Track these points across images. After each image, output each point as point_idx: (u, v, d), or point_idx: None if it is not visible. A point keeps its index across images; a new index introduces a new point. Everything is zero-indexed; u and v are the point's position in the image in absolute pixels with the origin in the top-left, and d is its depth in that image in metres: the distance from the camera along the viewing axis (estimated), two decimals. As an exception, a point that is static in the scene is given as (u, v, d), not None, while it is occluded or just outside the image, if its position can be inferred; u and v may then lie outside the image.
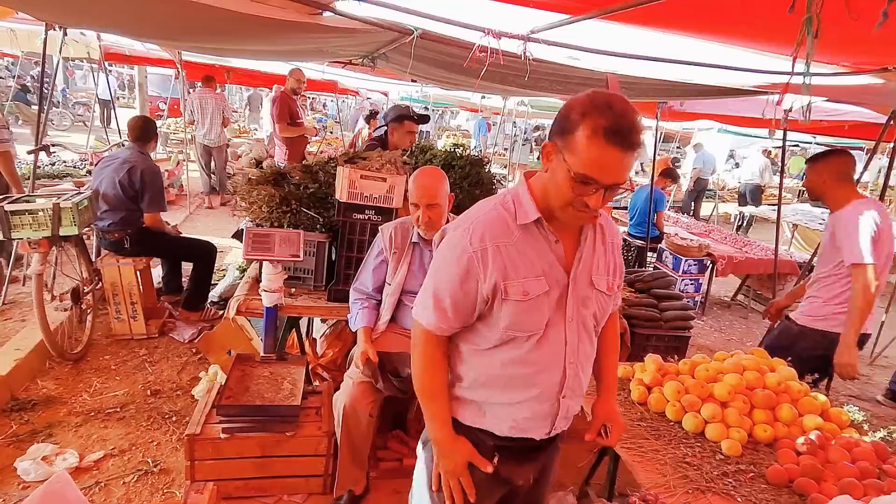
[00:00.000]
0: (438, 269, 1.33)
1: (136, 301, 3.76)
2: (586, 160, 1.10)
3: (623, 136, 1.08)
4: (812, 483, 1.74)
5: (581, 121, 1.09)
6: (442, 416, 1.37)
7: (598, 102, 1.09)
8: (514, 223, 1.26)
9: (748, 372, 2.24)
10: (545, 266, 1.28)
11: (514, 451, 1.41)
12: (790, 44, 1.68)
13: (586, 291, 1.34)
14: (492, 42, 2.14)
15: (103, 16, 2.89)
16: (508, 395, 1.35)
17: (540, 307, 1.28)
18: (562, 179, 1.16)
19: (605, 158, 1.09)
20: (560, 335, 1.32)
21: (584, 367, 1.40)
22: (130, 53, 7.52)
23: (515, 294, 1.25)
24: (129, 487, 2.45)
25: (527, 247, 1.27)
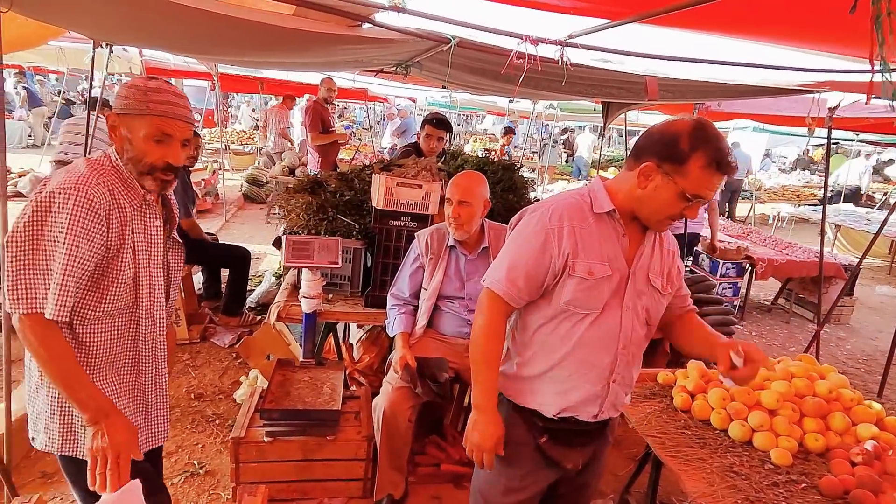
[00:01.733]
0: (516, 242, 1.44)
1: (179, 307, 3.88)
2: (700, 184, 1.29)
3: (727, 164, 1.29)
4: (869, 495, 1.68)
5: (693, 153, 1.27)
6: (490, 385, 1.46)
7: (706, 136, 1.28)
8: (589, 211, 1.41)
9: (797, 379, 2.17)
10: (611, 253, 1.40)
11: (562, 434, 1.49)
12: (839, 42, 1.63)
13: (643, 287, 1.45)
14: (529, 48, 2.14)
15: (152, 34, 3.01)
16: (561, 371, 1.45)
17: (601, 289, 1.39)
18: (670, 197, 1.32)
19: (713, 182, 1.30)
20: (616, 319, 1.42)
21: (635, 357, 1.50)
22: (170, 67, 7.79)
23: (581, 271, 1.38)
24: (177, 488, 2.53)
25: (598, 233, 1.40)
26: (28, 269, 1.25)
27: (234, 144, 12.67)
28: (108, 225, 1.31)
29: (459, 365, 2.48)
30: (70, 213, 1.25)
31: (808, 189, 11.41)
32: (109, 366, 1.42)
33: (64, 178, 1.29)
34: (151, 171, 1.37)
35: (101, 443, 1.26)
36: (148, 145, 1.34)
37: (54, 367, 1.27)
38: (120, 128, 1.36)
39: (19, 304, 1.25)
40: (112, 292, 1.37)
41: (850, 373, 4.50)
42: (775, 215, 10.59)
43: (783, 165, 17.33)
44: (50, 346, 1.26)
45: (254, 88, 9.98)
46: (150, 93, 1.32)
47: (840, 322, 5.85)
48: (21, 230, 1.25)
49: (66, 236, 1.24)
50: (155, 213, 1.46)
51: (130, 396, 1.48)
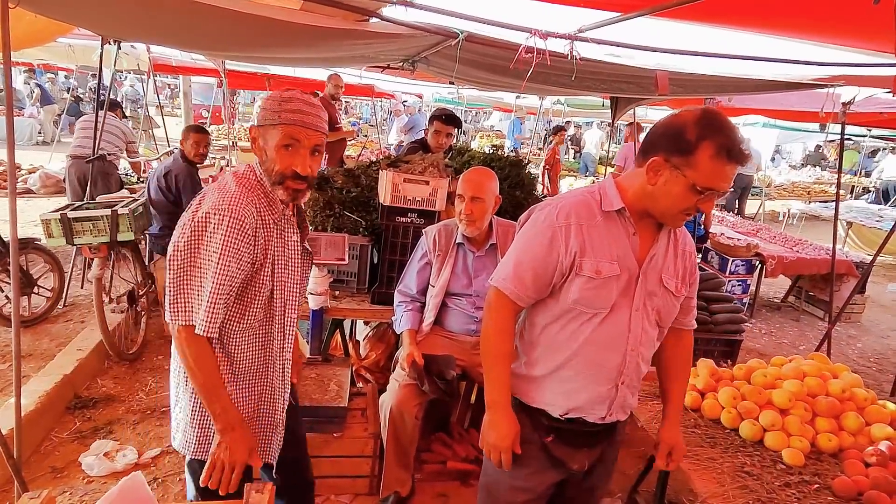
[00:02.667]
0: (524, 240, 1.42)
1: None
2: (711, 175, 1.23)
3: (739, 153, 1.23)
4: (884, 497, 1.66)
5: (701, 143, 1.22)
6: (503, 381, 1.44)
7: (713, 124, 1.22)
8: (598, 209, 1.37)
9: (809, 378, 2.15)
10: (620, 252, 1.37)
11: (569, 434, 1.47)
12: (855, 35, 1.60)
13: (654, 287, 1.41)
14: (538, 42, 2.11)
15: (159, 31, 3.01)
16: (568, 370, 1.42)
17: (609, 288, 1.36)
18: (681, 191, 1.27)
19: (725, 172, 1.24)
20: (624, 319, 1.39)
21: (644, 358, 1.46)
22: (177, 64, 7.81)
23: (589, 271, 1.35)
24: (185, 485, 2.53)
25: (607, 231, 1.37)
26: (185, 285, 1.36)
27: (242, 141, 12.70)
28: (255, 242, 1.40)
29: (466, 362, 2.47)
30: (224, 234, 1.33)
31: (819, 185, 11.28)
32: (247, 377, 1.51)
33: (217, 199, 1.37)
34: (282, 180, 1.42)
35: (223, 454, 1.40)
36: (279, 153, 1.39)
37: (199, 378, 1.38)
38: (258, 139, 1.43)
39: (178, 317, 1.36)
40: (254, 305, 1.46)
41: (862, 372, 4.44)
42: (785, 212, 10.48)
43: (793, 161, 17.14)
44: (199, 358, 1.37)
45: (261, 85, 9.98)
46: (283, 103, 1.38)
47: (851, 320, 5.78)
48: (182, 249, 1.35)
49: (219, 256, 1.33)
50: (292, 227, 1.53)
51: (261, 408, 1.55)
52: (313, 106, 1.41)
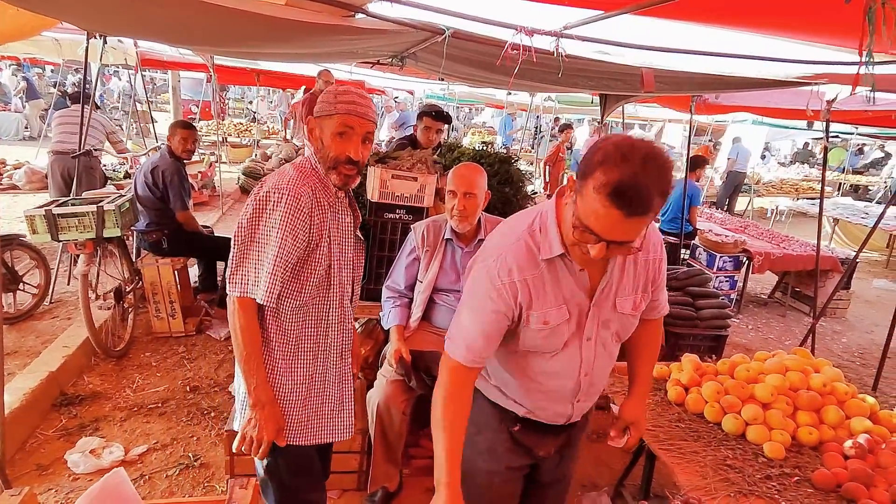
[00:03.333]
0: (469, 304, 1.34)
1: (175, 300, 3.87)
2: (590, 212, 1.08)
3: (627, 199, 1.02)
4: (861, 488, 1.68)
5: (596, 169, 1.06)
6: (452, 456, 1.29)
7: (619, 152, 1.04)
8: (538, 256, 1.28)
9: (791, 373, 2.17)
10: (567, 294, 1.31)
11: (534, 425, 1.50)
12: (838, 34, 1.62)
13: (608, 315, 1.37)
14: (524, 39, 2.12)
15: (144, 25, 2.97)
16: (528, 395, 1.45)
17: (559, 332, 1.33)
18: (570, 220, 1.16)
19: (607, 216, 1.06)
20: (576, 352, 1.38)
21: (600, 377, 1.47)
22: (165, 59, 7.73)
23: (536, 323, 1.31)
24: (172, 481, 2.53)
25: (551, 277, 1.30)
26: (245, 259, 1.46)
27: (232, 137, 12.62)
28: (311, 221, 1.49)
29: (454, 358, 2.47)
30: (283, 211, 1.44)
31: (807, 183, 11.39)
32: (302, 354, 1.59)
33: (277, 180, 1.49)
34: (336, 165, 1.52)
35: (251, 430, 1.50)
36: (334, 140, 1.50)
37: (242, 349, 1.46)
38: (315, 129, 1.54)
39: (235, 288, 1.46)
40: (310, 282, 1.54)
41: (846, 366, 4.51)
42: (773, 209, 10.59)
43: (782, 159, 17.31)
44: (247, 330, 1.46)
45: (251, 80, 9.92)
46: (338, 95, 1.50)
47: (836, 316, 5.86)
48: (245, 226, 1.46)
49: (277, 231, 1.43)
50: (346, 211, 1.63)
51: (312, 387, 1.62)
52: (365, 98, 1.53)
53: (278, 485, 1.65)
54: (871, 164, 14.84)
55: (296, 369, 1.57)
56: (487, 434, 1.53)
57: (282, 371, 1.56)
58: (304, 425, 1.61)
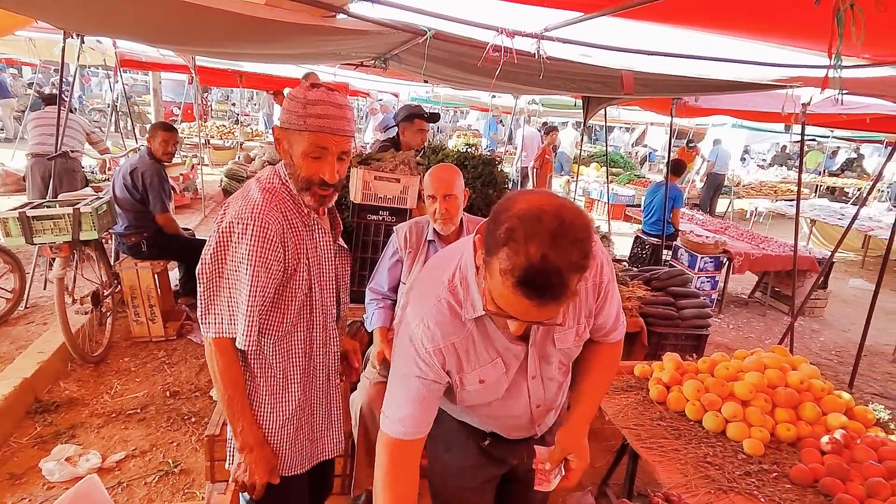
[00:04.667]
0: (396, 373, 1.25)
1: (155, 304, 3.81)
2: (499, 295, 0.97)
3: (537, 288, 0.91)
4: (838, 483, 1.71)
5: (501, 248, 0.93)
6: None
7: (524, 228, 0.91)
8: (463, 316, 1.17)
9: (769, 370, 2.21)
10: (500, 348, 1.23)
11: (504, 439, 1.47)
12: (810, 37, 1.65)
13: (549, 352, 1.29)
14: (505, 41, 2.13)
15: (118, 24, 2.93)
16: (486, 422, 1.44)
17: (499, 384, 1.28)
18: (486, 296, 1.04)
19: (518, 303, 0.95)
20: (522, 391, 1.33)
21: (553, 403, 1.43)
22: (145, 60, 7.62)
23: (472, 384, 1.25)
24: (151, 488, 2.48)
25: (480, 335, 1.20)
26: (215, 298, 1.34)
27: (215, 139, 12.48)
28: (284, 248, 1.34)
29: (438, 360, 2.47)
30: (248, 244, 1.28)
31: (786, 185, 11.61)
32: (293, 382, 1.47)
33: (240, 207, 1.32)
34: (308, 187, 1.35)
35: (241, 475, 1.41)
36: (305, 161, 1.32)
37: (226, 392, 1.37)
38: (283, 142, 1.35)
39: (209, 329, 1.35)
40: (291, 310, 1.41)
41: (823, 364, 4.59)
42: (753, 210, 10.77)
43: (762, 162, 17.62)
44: (226, 371, 1.36)
45: (233, 82, 9.80)
46: (308, 106, 1.27)
47: (814, 315, 5.97)
48: (208, 262, 1.32)
49: (247, 266, 1.29)
50: (322, 228, 1.46)
51: (302, 415, 1.51)
52: (340, 107, 1.30)
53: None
54: (844, 165, 15.16)
55: (285, 402, 1.46)
56: (456, 452, 1.50)
57: (269, 407, 1.45)
58: (298, 454, 1.53)
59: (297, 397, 1.48)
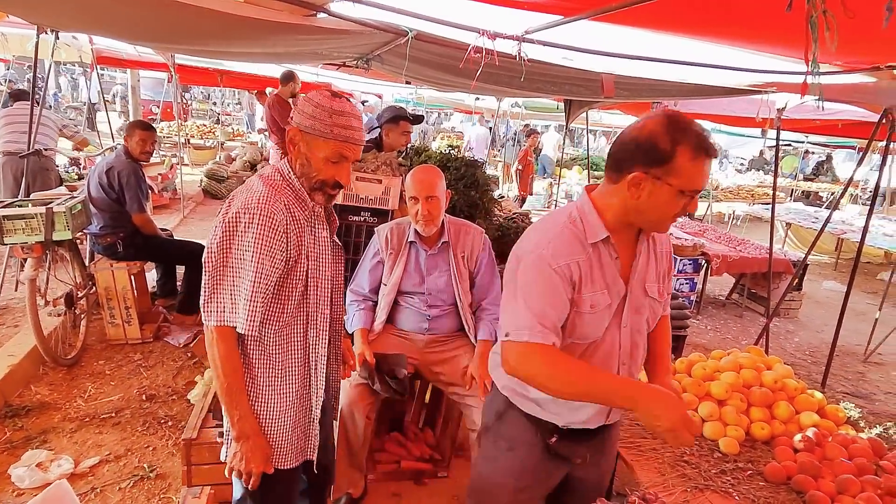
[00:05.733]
0: (528, 290, 1.32)
1: (131, 305, 3.74)
2: (693, 177, 1.23)
3: (711, 147, 1.23)
4: (810, 480, 1.75)
5: (677, 149, 1.21)
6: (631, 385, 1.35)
7: (681, 126, 1.22)
8: (585, 241, 1.34)
9: (745, 370, 2.25)
10: (609, 280, 1.37)
11: (571, 434, 1.50)
12: (784, 43, 1.68)
13: (640, 300, 1.44)
14: (487, 43, 2.14)
15: (94, 19, 2.87)
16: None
17: (602, 318, 1.38)
18: (668, 199, 1.26)
19: (705, 170, 1.25)
20: (615, 340, 1.42)
21: (636, 368, 1.50)
22: (123, 57, 7.48)
23: (584, 307, 1.35)
24: (126, 493, 2.43)
25: (595, 262, 1.35)
26: (220, 286, 1.37)
27: (195, 138, 12.30)
28: (287, 239, 1.40)
29: (419, 361, 2.47)
30: (255, 232, 1.34)
31: (762, 189, 11.84)
32: (290, 375, 1.51)
33: (246, 199, 1.38)
34: (322, 187, 1.45)
35: (237, 463, 1.44)
36: (325, 165, 1.41)
37: (225, 380, 1.40)
38: (300, 144, 1.42)
39: (211, 317, 1.38)
40: (290, 302, 1.46)
41: (798, 364, 4.69)
42: (730, 213, 10.96)
43: (740, 166, 17.94)
44: (226, 360, 1.39)
45: (213, 81, 9.70)
46: (334, 115, 1.37)
47: (789, 316, 6.10)
48: (215, 251, 1.36)
49: (252, 254, 1.34)
50: (322, 223, 1.52)
51: (299, 407, 1.55)
52: (359, 119, 1.43)
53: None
54: (815, 169, 15.49)
55: (283, 394, 1.50)
56: (521, 450, 1.51)
57: (267, 397, 1.49)
58: (294, 446, 1.56)
59: (294, 389, 1.52)
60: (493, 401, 1.60)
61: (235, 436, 1.43)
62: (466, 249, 2.50)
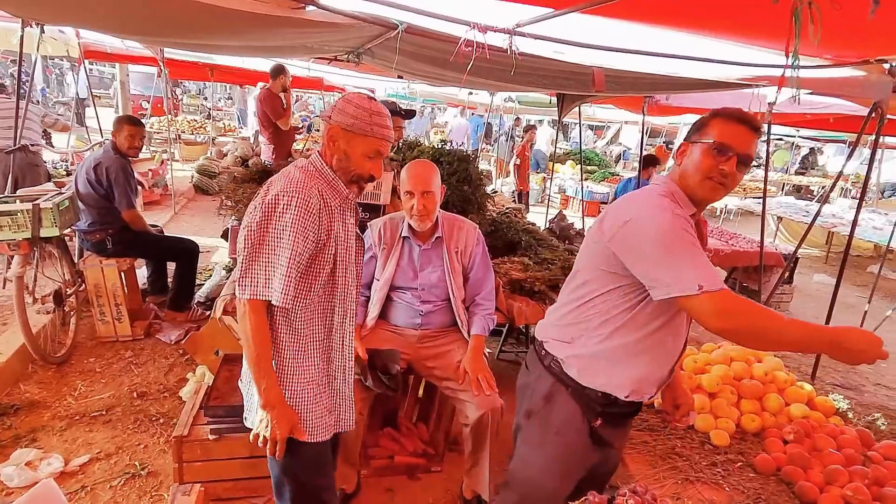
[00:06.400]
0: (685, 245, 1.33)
1: (121, 303, 3.70)
2: (722, 132, 1.37)
3: (747, 119, 1.38)
4: (798, 471, 1.77)
5: (713, 117, 1.41)
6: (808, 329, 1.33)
7: (724, 108, 1.41)
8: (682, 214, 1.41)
9: (735, 363, 2.26)
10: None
11: (614, 416, 1.56)
12: (775, 37, 1.68)
13: None
14: (477, 36, 2.12)
15: (80, 12, 2.82)
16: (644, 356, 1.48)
17: None
18: (700, 155, 1.40)
19: (736, 131, 1.37)
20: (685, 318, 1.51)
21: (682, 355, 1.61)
22: (111, 51, 7.38)
23: None
24: (117, 491, 2.42)
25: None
26: (255, 262, 1.48)
27: (186, 134, 12.19)
28: (319, 222, 1.51)
29: (412, 356, 2.46)
30: (293, 213, 1.46)
31: (754, 183, 11.91)
32: (313, 351, 1.62)
33: (285, 184, 1.50)
34: (358, 180, 1.59)
35: (264, 430, 1.55)
36: (363, 160, 1.55)
37: (255, 351, 1.50)
38: (339, 140, 1.54)
39: (245, 291, 1.48)
40: (318, 282, 1.58)
41: (788, 356, 4.72)
42: (723, 207, 11.02)
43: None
44: (257, 331, 1.49)
45: (204, 76, 9.60)
46: (374, 116, 1.51)
47: (780, 308, 6.14)
48: (255, 229, 1.48)
49: (289, 233, 1.46)
50: (351, 211, 1.67)
51: (321, 382, 1.66)
52: (391, 119, 1.58)
53: (296, 485, 1.69)
54: (802, 162, 15.57)
55: (307, 368, 1.61)
56: (570, 435, 1.55)
57: (293, 370, 1.60)
58: (320, 421, 1.64)
59: (318, 364, 1.63)
60: (537, 384, 1.60)
61: (262, 403, 1.53)
62: (460, 245, 2.49)
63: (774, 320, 1.28)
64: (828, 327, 1.36)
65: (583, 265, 1.55)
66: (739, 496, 1.70)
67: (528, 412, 1.62)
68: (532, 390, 1.62)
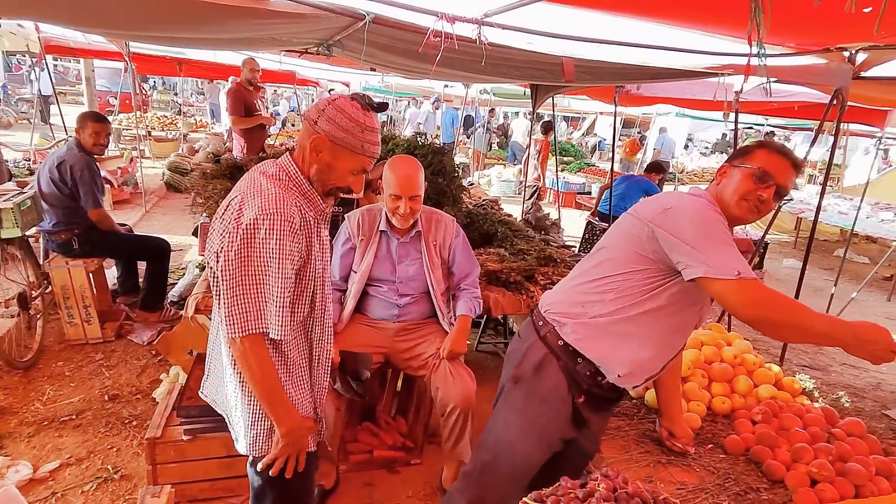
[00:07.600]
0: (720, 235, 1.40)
1: (90, 304, 3.61)
2: (766, 162, 1.45)
3: (790, 156, 1.47)
4: (766, 450, 1.81)
5: (759, 147, 1.50)
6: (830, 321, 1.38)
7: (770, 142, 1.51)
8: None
9: (706, 347, 2.31)
10: None
11: (598, 399, 1.61)
12: (740, 26, 1.71)
13: None
14: (446, 26, 2.11)
15: (36, 4, 2.72)
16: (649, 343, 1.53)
17: None
18: (741, 179, 1.47)
19: (779, 163, 1.46)
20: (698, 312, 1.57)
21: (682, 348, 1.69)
22: (74, 46, 7.15)
23: None
24: (88, 496, 2.36)
25: None
26: (242, 295, 1.35)
27: (156, 130, 11.90)
28: (302, 241, 1.41)
29: (389, 349, 2.45)
30: (277, 239, 1.34)
31: (725, 171, 12.14)
32: (300, 371, 1.54)
33: (262, 203, 1.35)
34: (335, 192, 1.49)
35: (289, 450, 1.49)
36: (347, 175, 1.45)
37: (265, 386, 1.41)
38: (325, 153, 1.41)
39: (235, 328, 1.36)
40: (301, 301, 1.48)
41: (759, 340, 4.85)
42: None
43: (704, 150, 18.34)
44: (263, 365, 1.40)
45: (172, 70, 9.35)
46: (366, 132, 1.40)
47: (752, 294, 6.29)
48: (233, 259, 1.34)
49: (277, 262, 1.35)
50: (327, 223, 1.56)
51: (310, 397, 1.59)
52: (379, 134, 1.47)
53: (281, 493, 1.61)
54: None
55: (298, 384, 1.54)
56: (554, 404, 1.59)
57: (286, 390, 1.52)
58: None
59: (304, 382, 1.56)
60: (529, 352, 1.64)
61: (284, 431, 1.46)
62: (439, 238, 2.49)
63: (804, 313, 1.30)
64: (849, 321, 1.37)
65: (610, 242, 1.59)
66: (710, 476, 1.73)
67: (515, 377, 1.66)
68: (523, 357, 1.65)
